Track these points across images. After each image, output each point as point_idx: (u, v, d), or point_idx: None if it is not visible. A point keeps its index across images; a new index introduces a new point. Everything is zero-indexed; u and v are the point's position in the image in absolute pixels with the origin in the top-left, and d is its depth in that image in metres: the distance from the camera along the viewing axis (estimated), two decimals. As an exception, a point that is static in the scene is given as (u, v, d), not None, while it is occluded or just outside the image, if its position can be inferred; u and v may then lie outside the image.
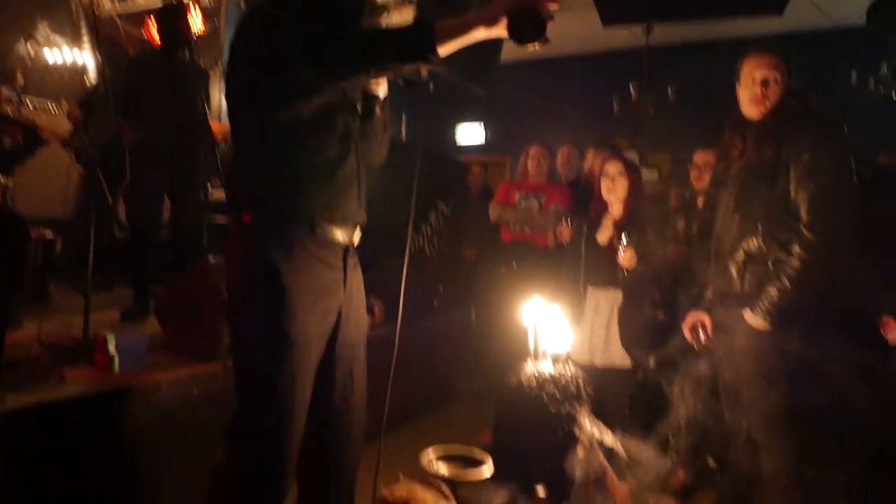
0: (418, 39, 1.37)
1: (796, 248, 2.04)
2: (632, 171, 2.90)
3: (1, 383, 2.00)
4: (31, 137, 3.26)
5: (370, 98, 1.78)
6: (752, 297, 2.13)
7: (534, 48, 1.34)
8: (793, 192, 2.05)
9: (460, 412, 3.97)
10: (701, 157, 3.14)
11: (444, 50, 1.37)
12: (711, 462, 2.61)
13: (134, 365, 2.38)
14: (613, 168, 2.90)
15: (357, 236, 1.78)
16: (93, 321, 2.62)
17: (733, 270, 2.20)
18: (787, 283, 2.05)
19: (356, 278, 1.84)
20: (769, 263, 2.11)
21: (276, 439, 1.59)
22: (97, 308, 2.78)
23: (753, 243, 2.14)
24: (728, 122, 2.24)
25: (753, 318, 2.11)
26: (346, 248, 1.73)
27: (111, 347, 2.33)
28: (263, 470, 1.59)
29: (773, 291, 2.07)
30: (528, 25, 1.30)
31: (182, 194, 3.60)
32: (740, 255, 2.17)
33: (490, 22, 1.33)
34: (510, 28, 1.30)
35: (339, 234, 1.68)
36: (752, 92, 2.12)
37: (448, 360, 4.16)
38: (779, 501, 2.20)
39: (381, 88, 1.78)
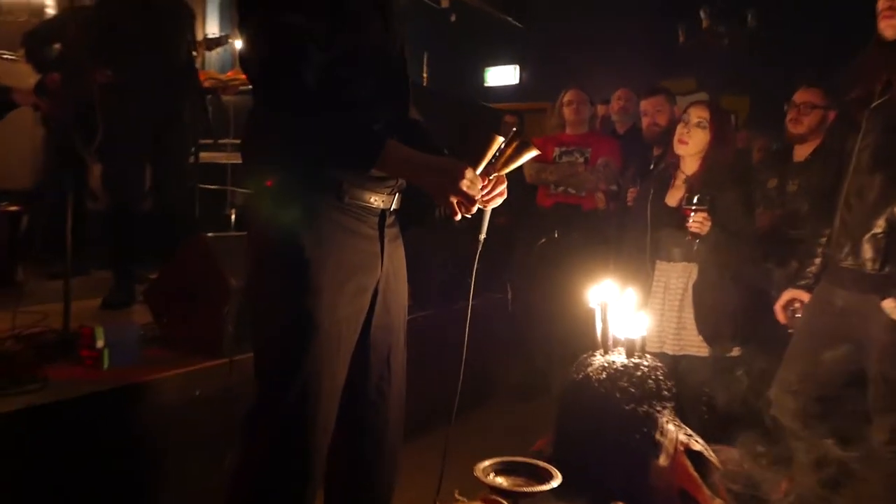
0: (360, 158, 1.55)
1: None
2: (717, 122, 2.78)
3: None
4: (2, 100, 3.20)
5: None
6: (891, 281, 2.02)
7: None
8: None
9: (502, 410, 3.95)
10: (803, 96, 2.98)
11: (382, 172, 1.58)
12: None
13: (126, 362, 2.36)
14: (696, 115, 2.79)
15: (397, 201, 1.76)
16: (71, 311, 2.59)
17: (868, 246, 2.08)
18: None
19: (397, 253, 1.83)
20: None
21: (299, 433, 1.59)
22: (73, 295, 2.76)
23: None
24: (873, 43, 2.09)
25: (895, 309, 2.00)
26: (383, 215, 1.72)
27: (100, 342, 2.31)
28: (284, 469, 1.59)
29: None
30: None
31: (165, 157, 3.53)
32: (880, 227, 2.06)
33: (432, 192, 1.55)
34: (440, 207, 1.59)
35: (373, 199, 1.67)
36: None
37: (485, 349, 4.12)
38: None
39: None
